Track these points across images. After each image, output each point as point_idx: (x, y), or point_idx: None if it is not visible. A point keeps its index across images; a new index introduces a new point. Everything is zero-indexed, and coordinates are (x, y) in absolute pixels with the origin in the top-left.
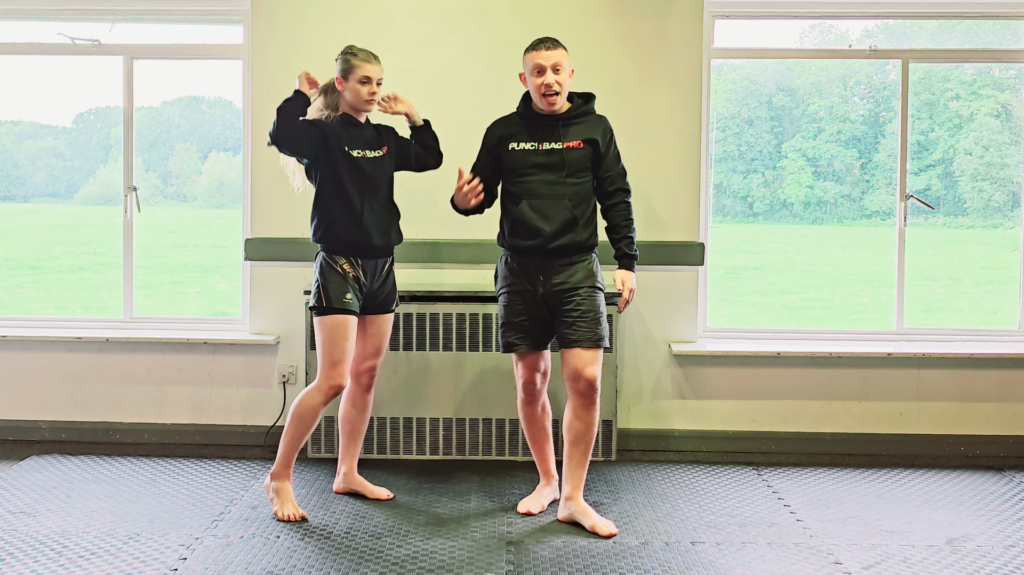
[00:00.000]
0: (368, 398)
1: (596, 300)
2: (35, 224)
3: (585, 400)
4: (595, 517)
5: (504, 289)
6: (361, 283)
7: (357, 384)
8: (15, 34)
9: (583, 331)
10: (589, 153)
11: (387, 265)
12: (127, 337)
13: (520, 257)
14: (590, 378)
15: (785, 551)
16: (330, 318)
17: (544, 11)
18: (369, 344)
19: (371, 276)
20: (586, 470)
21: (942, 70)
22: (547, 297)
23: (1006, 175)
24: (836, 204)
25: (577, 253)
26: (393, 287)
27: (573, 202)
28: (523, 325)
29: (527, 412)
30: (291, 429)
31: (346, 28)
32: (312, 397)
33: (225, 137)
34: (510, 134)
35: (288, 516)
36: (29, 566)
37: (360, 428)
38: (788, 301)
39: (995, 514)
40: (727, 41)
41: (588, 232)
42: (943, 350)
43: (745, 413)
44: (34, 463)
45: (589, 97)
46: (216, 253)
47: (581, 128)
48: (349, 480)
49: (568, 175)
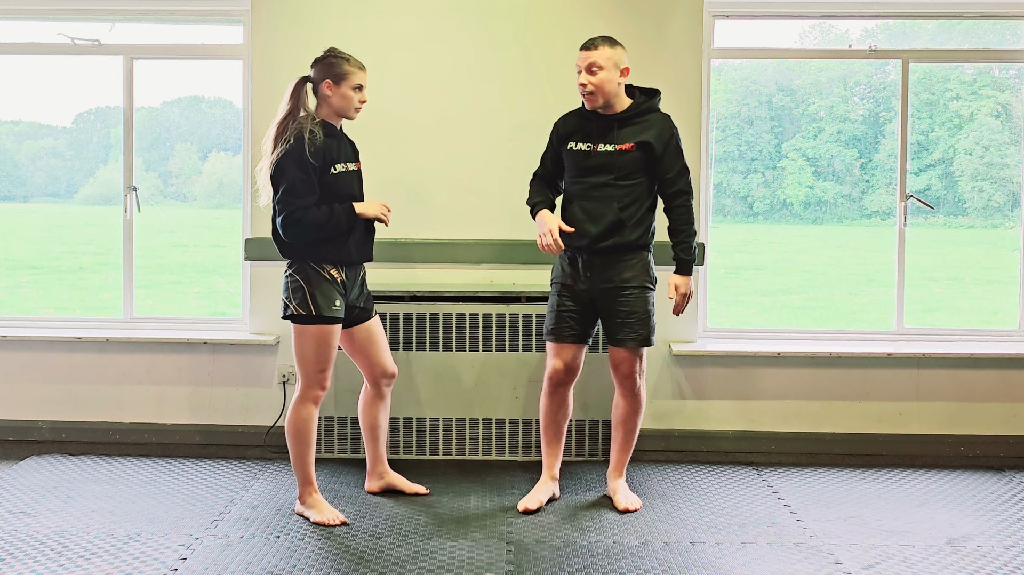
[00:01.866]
0: (388, 398)
1: (644, 300)
2: (35, 224)
3: (625, 390)
4: (622, 496)
5: (556, 280)
6: (347, 289)
7: (379, 388)
8: (15, 34)
9: (628, 331)
10: (641, 156)
11: (363, 272)
12: (127, 337)
13: (571, 253)
14: (630, 373)
15: (785, 551)
16: (319, 327)
17: (544, 11)
18: (378, 350)
19: (352, 283)
20: (628, 455)
21: (942, 70)
22: (595, 294)
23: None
24: (836, 204)
25: (626, 252)
26: (368, 291)
27: (621, 204)
28: (564, 316)
29: (546, 405)
30: (296, 448)
31: (346, 28)
32: (304, 409)
33: (225, 137)
34: (570, 132)
35: (329, 521)
36: (29, 566)
37: (386, 428)
38: (788, 301)
39: (995, 514)
40: (727, 41)
41: (638, 232)
42: (943, 350)
43: (745, 413)
44: (34, 463)
45: (653, 94)
46: (216, 253)
47: (636, 129)
48: (387, 478)
49: (619, 178)
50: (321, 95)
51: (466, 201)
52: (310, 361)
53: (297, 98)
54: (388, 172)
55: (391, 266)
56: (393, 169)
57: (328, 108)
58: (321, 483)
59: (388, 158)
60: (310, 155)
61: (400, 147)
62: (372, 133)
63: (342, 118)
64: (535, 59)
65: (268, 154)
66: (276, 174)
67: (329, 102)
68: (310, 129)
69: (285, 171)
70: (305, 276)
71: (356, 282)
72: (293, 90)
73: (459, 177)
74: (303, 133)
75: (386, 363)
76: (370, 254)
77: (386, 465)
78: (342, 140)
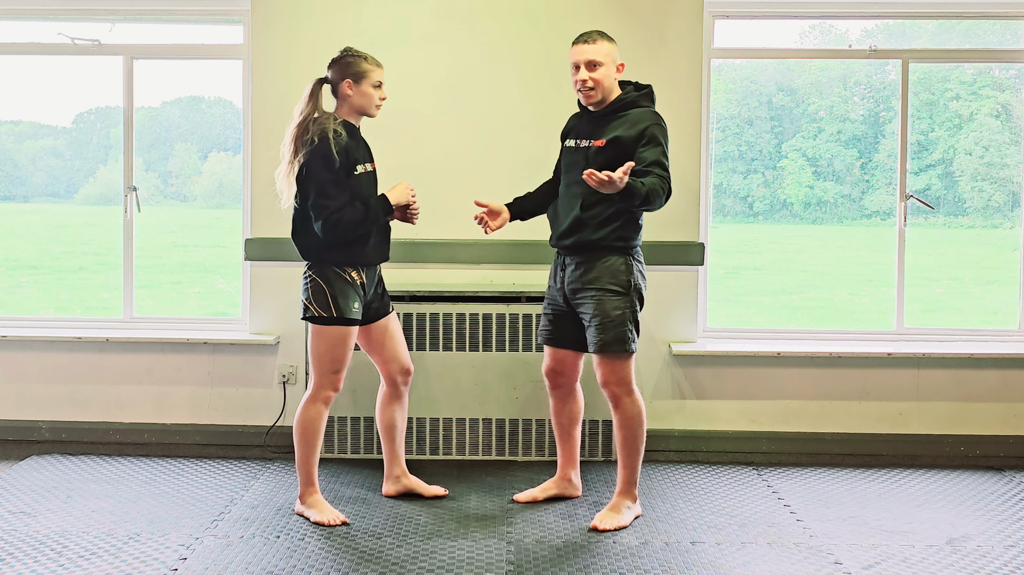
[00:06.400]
0: (406, 398)
1: (608, 304)
2: (35, 224)
3: (609, 399)
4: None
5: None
6: (366, 289)
7: (396, 386)
8: (15, 34)
9: (592, 335)
10: (613, 153)
11: (380, 269)
12: (127, 337)
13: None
14: (604, 382)
15: (785, 551)
16: (338, 329)
17: (543, 11)
18: (395, 345)
19: (370, 284)
20: (627, 469)
21: (942, 70)
22: (566, 295)
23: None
24: (836, 204)
25: (591, 252)
26: (385, 289)
27: (587, 202)
28: (544, 318)
29: (551, 404)
30: (302, 447)
31: (346, 28)
32: (313, 409)
33: (225, 137)
34: (568, 130)
35: (330, 521)
36: (29, 566)
37: (403, 430)
38: (788, 301)
39: (995, 514)
40: (727, 41)
41: (603, 233)
42: (943, 350)
43: (745, 413)
44: (34, 463)
45: (641, 88)
46: (216, 253)
47: (616, 124)
48: (405, 481)
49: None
50: (341, 95)
51: (466, 201)
52: (325, 361)
53: (315, 100)
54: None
55: (391, 266)
56: (392, 169)
57: (348, 108)
58: (321, 483)
59: (387, 158)
60: (336, 154)
61: (399, 147)
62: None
63: (362, 117)
64: (533, 59)
65: (286, 158)
66: (304, 177)
67: (350, 101)
68: (334, 128)
69: (314, 174)
70: (325, 278)
71: (374, 282)
72: (311, 92)
73: (459, 177)
74: (327, 132)
75: (402, 359)
76: (387, 254)
77: (403, 468)
78: (360, 141)
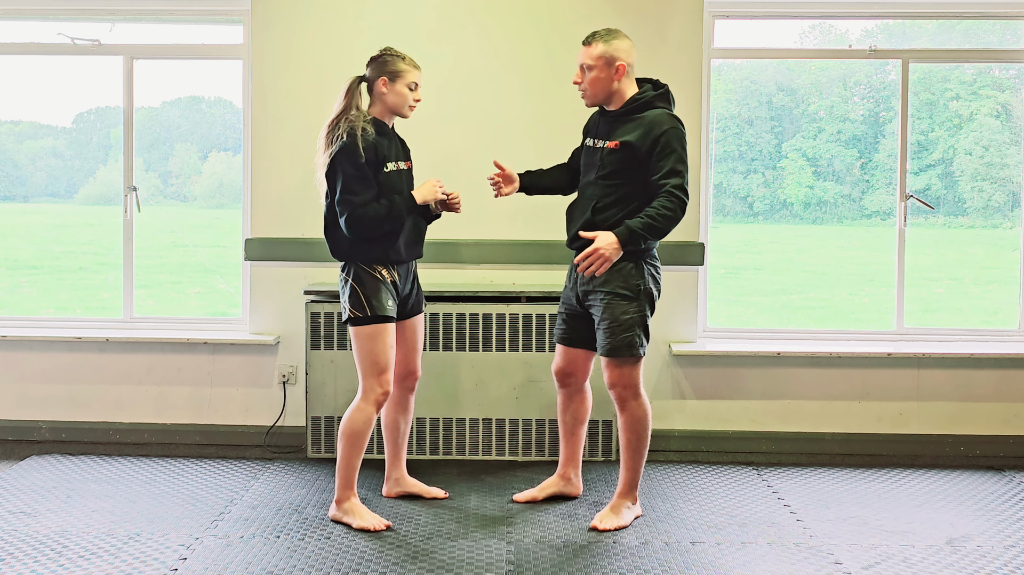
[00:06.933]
0: (411, 401)
1: (617, 308)
2: (35, 224)
3: (615, 400)
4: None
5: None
6: (398, 288)
7: (401, 388)
8: (15, 34)
9: (600, 338)
10: (625, 157)
11: (415, 267)
12: (127, 337)
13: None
14: (609, 384)
15: (785, 551)
16: (375, 327)
17: (543, 11)
18: (409, 347)
19: (404, 280)
20: (630, 470)
21: (942, 70)
22: (579, 296)
23: (1006, 175)
24: (836, 204)
25: None
26: (420, 287)
27: (600, 204)
28: (563, 317)
29: (559, 400)
30: (346, 450)
31: (346, 28)
32: (363, 411)
33: (225, 137)
34: (587, 129)
35: (372, 526)
36: (29, 566)
37: (406, 432)
38: (788, 301)
39: (995, 514)
40: (727, 41)
41: None
42: (943, 350)
43: (745, 413)
44: (34, 463)
45: (659, 88)
46: (216, 253)
47: (629, 127)
48: (404, 484)
49: (601, 176)
50: (376, 93)
51: (466, 201)
52: (369, 362)
53: (351, 97)
54: None
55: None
56: None
57: (382, 106)
58: (322, 483)
59: None
60: (363, 150)
61: None
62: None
63: (395, 116)
64: (534, 59)
65: (321, 151)
66: (331, 173)
67: (384, 99)
68: (361, 126)
69: (339, 169)
70: (358, 279)
71: (408, 279)
72: (348, 89)
73: (459, 177)
74: (355, 130)
75: (411, 361)
76: (420, 251)
77: (403, 471)
78: (393, 139)
